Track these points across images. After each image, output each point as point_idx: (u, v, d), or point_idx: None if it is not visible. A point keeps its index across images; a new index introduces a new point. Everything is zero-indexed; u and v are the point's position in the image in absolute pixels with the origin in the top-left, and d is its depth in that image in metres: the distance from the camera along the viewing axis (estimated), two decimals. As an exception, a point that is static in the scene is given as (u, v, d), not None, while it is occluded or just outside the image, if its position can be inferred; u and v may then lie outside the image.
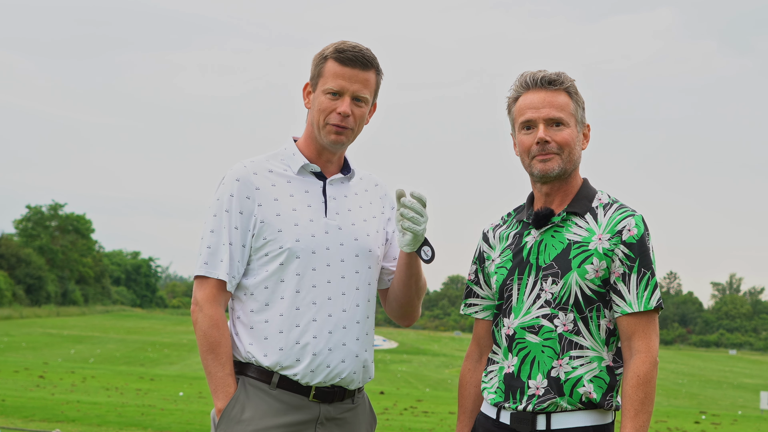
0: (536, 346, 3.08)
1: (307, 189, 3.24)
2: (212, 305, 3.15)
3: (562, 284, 3.06)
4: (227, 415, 3.14)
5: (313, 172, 3.27)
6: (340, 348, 3.18)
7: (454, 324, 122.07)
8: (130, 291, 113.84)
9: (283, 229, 3.16)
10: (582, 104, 3.17)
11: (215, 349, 3.13)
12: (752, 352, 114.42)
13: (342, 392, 3.22)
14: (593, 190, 3.18)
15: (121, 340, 46.11)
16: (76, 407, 14.29)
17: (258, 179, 3.20)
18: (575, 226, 3.11)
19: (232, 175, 3.21)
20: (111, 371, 25.11)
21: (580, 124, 3.16)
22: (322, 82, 3.21)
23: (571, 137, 3.12)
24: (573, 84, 3.15)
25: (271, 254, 3.17)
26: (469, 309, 3.32)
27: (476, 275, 3.31)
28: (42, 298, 79.27)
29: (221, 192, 3.21)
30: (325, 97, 3.20)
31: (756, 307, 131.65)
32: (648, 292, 3.03)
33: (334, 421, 3.20)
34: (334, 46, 3.22)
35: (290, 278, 3.15)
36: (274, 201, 3.18)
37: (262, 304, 3.17)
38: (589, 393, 3.05)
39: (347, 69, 3.19)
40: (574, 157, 3.14)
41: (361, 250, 3.25)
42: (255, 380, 3.16)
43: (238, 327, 3.21)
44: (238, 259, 3.17)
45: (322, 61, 3.22)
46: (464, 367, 3.35)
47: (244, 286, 3.20)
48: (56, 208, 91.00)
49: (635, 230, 3.05)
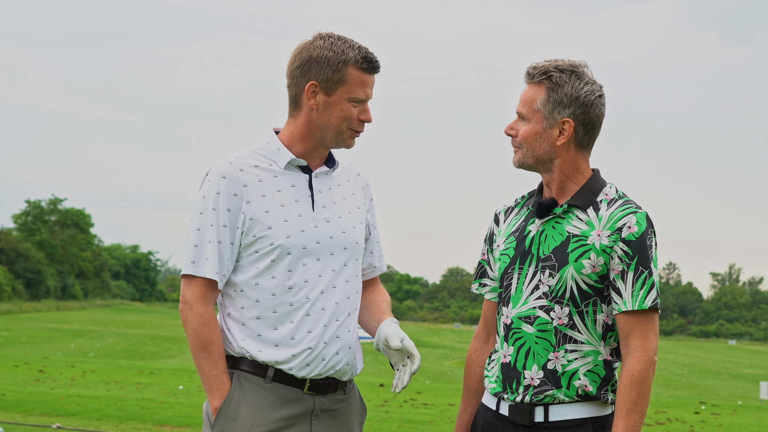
0: (531, 336, 3.09)
1: (294, 183, 3.22)
2: (202, 303, 3.13)
3: (558, 278, 3.06)
4: (224, 411, 3.13)
5: (299, 165, 3.25)
6: (335, 340, 3.18)
7: (453, 316, 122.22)
8: (130, 285, 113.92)
9: (273, 225, 3.14)
10: (565, 98, 3.08)
11: (208, 347, 3.12)
12: (752, 342, 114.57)
13: (335, 384, 3.22)
14: (601, 184, 3.15)
15: (121, 334, 46.17)
16: (76, 401, 14.29)
17: (244, 175, 3.17)
18: (576, 219, 3.10)
19: (217, 171, 3.17)
20: (111, 365, 25.12)
21: (549, 119, 3.09)
22: (347, 90, 3.16)
23: (527, 133, 3.11)
24: (559, 76, 3.08)
25: (261, 251, 3.15)
26: (482, 289, 3.33)
27: (487, 255, 3.33)
28: (41, 293, 79.34)
29: (207, 189, 3.17)
30: (350, 104, 3.17)
31: (755, 297, 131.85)
32: (644, 291, 3.01)
33: (328, 413, 3.21)
34: (355, 51, 3.16)
35: (282, 274, 3.14)
36: (262, 197, 3.16)
37: (254, 301, 3.15)
38: (585, 386, 3.05)
39: (370, 77, 3.19)
40: (537, 152, 3.11)
41: (349, 243, 3.24)
42: (249, 374, 3.15)
43: (229, 323, 3.19)
44: (227, 257, 3.15)
45: (342, 66, 3.15)
46: (471, 347, 3.36)
47: (233, 283, 3.18)
48: (56, 202, 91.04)
49: (635, 228, 3.03)
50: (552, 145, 3.11)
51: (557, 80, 3.08)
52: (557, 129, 3.10)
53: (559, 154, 3.12)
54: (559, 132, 3.10)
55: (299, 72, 3.19)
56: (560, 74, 3.08)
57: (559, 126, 3.10)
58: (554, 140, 3.11)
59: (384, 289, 3.47)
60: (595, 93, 3.10)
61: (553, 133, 3.10)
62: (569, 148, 3.12)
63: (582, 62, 3.14)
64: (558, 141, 3.10)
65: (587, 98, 3.09)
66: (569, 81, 3.08)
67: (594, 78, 3.13)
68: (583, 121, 3.10)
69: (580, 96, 3.08)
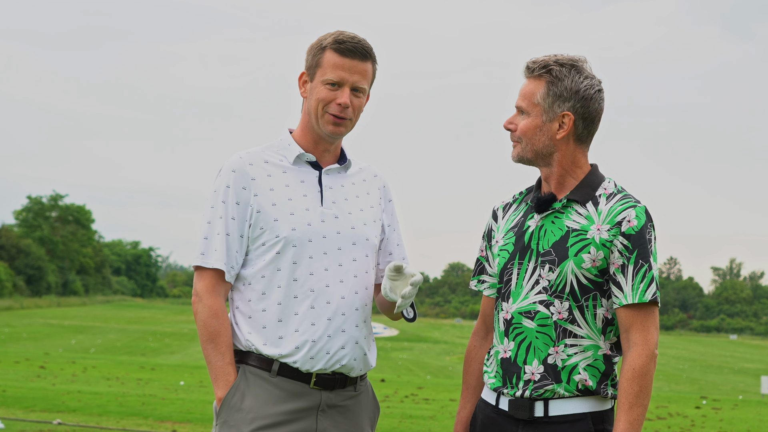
0: (531, 331, 3.09)
1: (303, 179, 3.25)
2: (211, 295, 3.17)
3: (558, 272, 3.06)
4: (227, 403, 3.16)
5: (309, 162, 3.28)
6: (340, 334, 3.19)
7: (454, 311, 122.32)
8: (131, 281, 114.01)
9: (279, 218, 3.18)
10: (565, 92, 3.08)
11: (215, 338, 3.15)
12: (753, 336, 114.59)
13: (344, 379, 3.23)
14: (600, 179, 3.15)
15: (122, 330, 46.18)
16: (77, 397, 14.30)
17: (254, 170, 3.22)
18: (575, 214, 3.10)
19: (228, 166, 3.24)
20: (112, 361, 25.14)
21: (549, 112, 3.10)
22: (321, 72, 3.21)
23: (527, 126, 3.11)
24: (559, 70, 3.08)
25: (267, 244, 3.18)
26: (481, 285, 3.34)
27: (486, 252, 3.33)
28: (42, 289, 79.36)
29: (218, 183, 3.24)
30: (324, 87, 3.20)
31: (756, 291, 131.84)
32: (644, 284, 3.01)
33: (335, 409, 3.21)
34: (333, 36, 3.22)
35: (287, 267, 3.17)
36: (269, 191, 3.20)
37: (260, 294, 3.18)
38: (584, 380, 3.06)
39: (347, 60, 3.20)
40: (536, 146, 3.11)
41: (358, 239, 3.26)
42: (255, 368, 3.18)
43: (237, 317, 3.22)
44: (236, 249, 3.19)
45: (320, 52, 3.22)
46: (470, 343, 3.36)
47: (242, 277, 3.22)
48: (56, 198, 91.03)
49: (635, 222, 3.03)
50: (551, 138, 3.11)
51: (557, 74, 3.08)
52: (557, 122, 3.10)
53: (558, 147, 3.12)
54: (558, 125, 3.11)
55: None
56: (560, 68, 3.09)
57: (559, 119, 3.10)
58: (554, 134, 3.11)
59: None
60: (594, 87, 3.11)
61: (553, 126, 3.10)
62: (568, 142, 3.13)
63: (581, 57, 3.14)
64: (558, 135, 3.11)
65: (587, 92, 3.09)
66: (569, 75, 3.09)
67: (593, 73, 3.14)
68: (582, 115, 3.11)
69: (579, 90, 3.09)
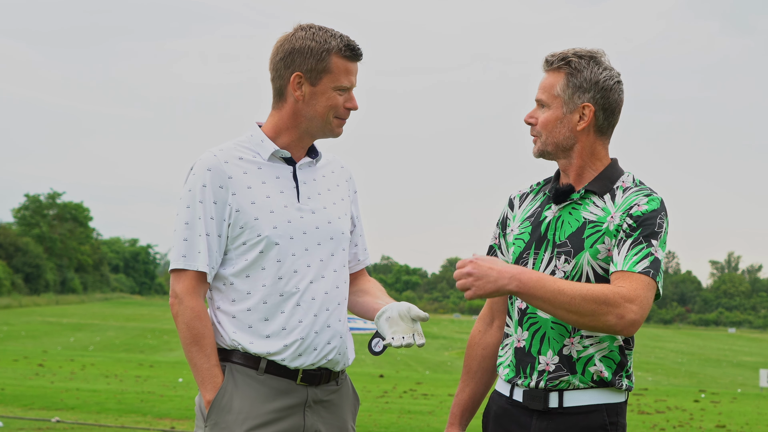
0: (546, 321, 3.07)
1: (278, 175, 3.22)
2: (193, 297, 3.13)
3: (574, 263, 3.05)
4: (217, 405, 3.13)
5: (283, 157, 3.25)
6: (326, 330, 3.18)
7: (453, 306, 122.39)
8: (129, 278, 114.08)
9: (260, 216, 3.14)
10: (585, 83, 3.08)
11: (199, 340, 3.12)
12: (751, 330, 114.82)
13: (328, 374, 3.23)
14: (619, 172, 3.15)
15: (121, 328, 46.20)
16: (75, 395, 14.31)
17: (229, 168, 3.17)
18: (592, 205, 3.09)
19: (202, 164, 3.17)
20: (110, 358, 25.15)
21: (570, 104, 3.10)
22: (331, 78, 3.17)
23: (547, 119, 3.11)
24: (578, 62, 3.09)
25: (249, 243, 3.15)
26: None
27: (499, 239, 3.32)
28: (41, 287, 79.40)
29: (193, 182, 3.17)
30: (335, 93, 3.18)
31: (754, 285, 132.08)
32: (638, 257, 2.97)
33: (321, 404, 3.21)
34: (335, 39, 3.18)
35: (271, 265, 3.14)
36: (247, 189, 3.16)
37: (244, 293, 3.16)
38: (600, 372, 3.04)
39: (353, 64, 3.20)
40: (557, 138, 3.10)
41: (335, 233, 3.25)
42: (242, 366, 3.15)
43: (219, 317, 3.19)
44: (215, 249, 3.15)
45: (325, 56, 3.17)
46: (475, 329, 3.35)
47: (222, 277, 3.18)
48: (54, 196, 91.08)
49: (645, 206, 3.02)
50: (572, 130, 3.10)
51: (576, 65, 3.09)
52: (577, 114, 3.10)
53: (578, 139, 3.11)
54: (579, 117, 3.10)
55: (283, 64, 3.19)
56: (579, 60, 3.09)
57: (579, 111, 3.10)
58: (574, 125, 3.10)
59: (374, 279, 3.48)
60: (614, 78, 3.11)
61: (573, 118, 3.10)
62: (589, 134, 3.12)
63: (600, 50, 3.15)
64: (578, 126, 3.10)
65: (606, 83, 3.10)
66: (588, 66, 3.09)
67: (611, 65, 3.14)
68: (603, 106, 3.10)
69: (599, 81, 3.09)
